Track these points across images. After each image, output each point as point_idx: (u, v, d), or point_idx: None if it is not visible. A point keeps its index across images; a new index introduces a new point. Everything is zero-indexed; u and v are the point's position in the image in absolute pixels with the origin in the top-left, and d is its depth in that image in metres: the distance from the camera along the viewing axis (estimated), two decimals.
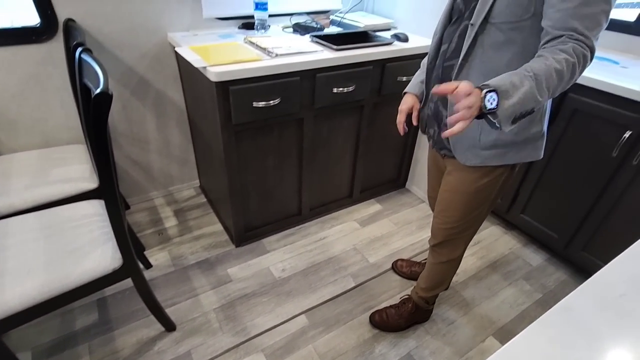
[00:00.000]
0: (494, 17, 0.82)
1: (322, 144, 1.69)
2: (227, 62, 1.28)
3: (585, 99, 1.38)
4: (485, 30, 0.84)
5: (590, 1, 0.71)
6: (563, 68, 0.71)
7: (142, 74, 1.65)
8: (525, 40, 0.82)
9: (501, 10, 0.80)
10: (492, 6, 0.81)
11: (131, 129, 1.76)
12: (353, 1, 2.01)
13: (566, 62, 0.71)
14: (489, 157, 0.97)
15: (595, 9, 0.72)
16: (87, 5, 1.41)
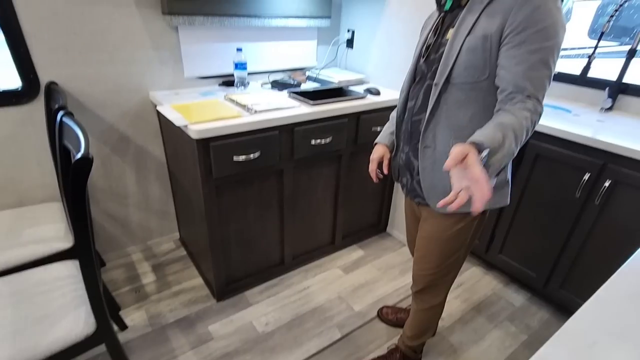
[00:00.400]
0: (455, 79, 0.91)
1: (302, 194, 1.73)
2: (208, 119, 1.32)
3: (546, 145, 1.49)
4: (448, 90, 0.93)
5: (536, 67, 0.81)
6: (528, 124, 0.79)
7: (123, 131, 1.68)
8: (485, 98, 0.90)
9: (460, 72, 0.89)
10: (452, 69, 0.90)
11: (110, 184, 1.75)
12: (327, 58, 2.15)
13: (529, 119, 0.80)
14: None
15: (540, 74, 0.82)
16: (70, 68, 1.45)
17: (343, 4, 2.06)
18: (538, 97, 0.82)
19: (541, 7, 0.78)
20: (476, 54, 0.87)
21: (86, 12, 1.41)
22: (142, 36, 1.55)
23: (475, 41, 0.86)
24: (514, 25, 0.81)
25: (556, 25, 0.80)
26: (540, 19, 0.78)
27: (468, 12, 0.89)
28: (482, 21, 0.86)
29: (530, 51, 0.80)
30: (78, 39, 1.43)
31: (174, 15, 1.53)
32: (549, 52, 0.80)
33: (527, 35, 0.79)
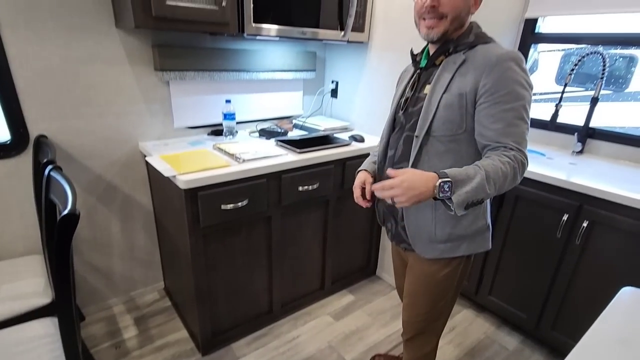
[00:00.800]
0: (434, 132, 0.97)
1: (290, 240, 1.72)
2: (196, 169, 1.35)
3: (524, 188, 1.55)
4: (429, 142, 0.98)
5: (513, 123, 0.89)
6: (507, 169, 0.85)
7: (110, 180, 1.68)
8: (463, 149, 0.96)
9: (439, 126, 0.96)
10: (432, 123, 0.97)
11: (95, 234, 1.72)
12: (313, 107, 2.24)
13: (509, 164, 0.86)
14: (445, 250, 1.05)
15: (518, 129, 0.89)
16: (60, 122, 1.48)
17: (327, 58, 2.20)
18: (522, 149, 0.89)
19: (508, 70, 0.87)
20: (453, 110, 0.93)
21: (81, 70, 1.47)
22: (133, 91, 1.61)
23: (452, 98, 0.93)
24: (487, 87, 0.89)
25: (524, 86, 0.89)
26: (509, 81, 0.87)
27: (443, 70, 0.97)
28: (457, 80, 0.94)
29: (505, 110, 0.88)
30: (70, 94, 1.47)
31: (165, 71, 1.61)
32: (521, 109, 0.89)
33: (500, 95, 0.88)
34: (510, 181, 0.88)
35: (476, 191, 0.83)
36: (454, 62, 0.95)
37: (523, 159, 0.89)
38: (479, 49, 0.93)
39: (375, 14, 1.83)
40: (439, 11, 0.92)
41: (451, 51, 0.97)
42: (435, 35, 0.95)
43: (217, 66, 1.74)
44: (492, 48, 0.92)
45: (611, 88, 1.86)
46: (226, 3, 1.38)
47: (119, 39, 1.51)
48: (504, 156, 0.87)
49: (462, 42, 0.96)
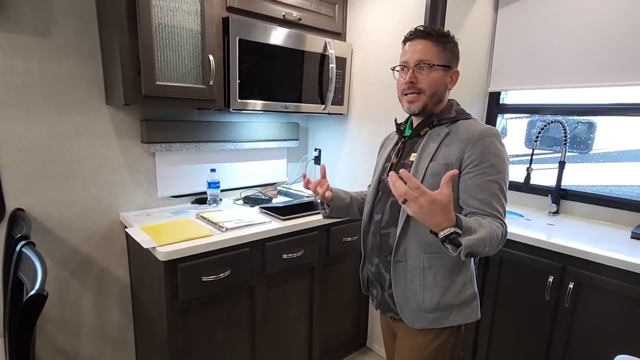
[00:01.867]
0: None
1: (275, 311, 1.64)
2: (177, 240, 1.32)
3: (508, 250, 1.56)
4: None
5: (495, 194, 0.95)
6: (499, 233, 0.90)
7: (87, 253, 1.62)
8: None
9: None
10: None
11: (63, 312, 1.60)
12: (297, 174, 2.30)
13: (500, 230, 0.91)
14: (434, 320, 1.02)
15: (500, 201, 0.95)
16: (40, 195, 1.47)
17: (309, 128, 2.31)
18: (501, 219, 0.94)
19: (490, 145, 0.96)
20: (439, 179, 0.94)
21: (66, 144, 1.50)
22: (118, 162, 1.63)
23: (439, 167, 0.98)
24: (472, 158, 0.96)
25: (504, 160, 0.97)
26: (491, 155, 0.95)
27: (429, 141, 1.04)
28: (442, 150, 1.00)
29: (489, 181, 0.94)
30: (54, 167, 1.48)
31: (152, 143, 1.65)
32: (502, 182, 0.96)
33: (484, 167, 0.95)
34: (496, 245, 0.91)
35: (480, 242, 0.83)
36: (438, 134, 1.02)
37: (504, 230, 0.94)
38: (461, 123, 1.02)
39: (353, 89, 1.98)
40: (417, 87, 1.01)
41: (435, 124, 1.05)
42: (416, 108, 1.04)
43: (203, 137, 1.80)
44: (474, 123, 1.00)
45: (576, 151, 1.99)
46: (213, 82, 1.48)
47: (108, 114, 1.57)
48: (495, 221, 0.92)
49: (445, 116, 1.04)
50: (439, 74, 1.01)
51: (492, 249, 0.90)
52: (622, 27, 1.62)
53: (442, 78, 1.02)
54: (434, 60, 0.99)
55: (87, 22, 1.47)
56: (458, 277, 1.02)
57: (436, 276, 1.01)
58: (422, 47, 1.00)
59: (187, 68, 1.42)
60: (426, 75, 1.00)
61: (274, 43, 1.62)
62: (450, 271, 1.01)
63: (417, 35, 1.02)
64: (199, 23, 1.42)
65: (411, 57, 1.01)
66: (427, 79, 1.00)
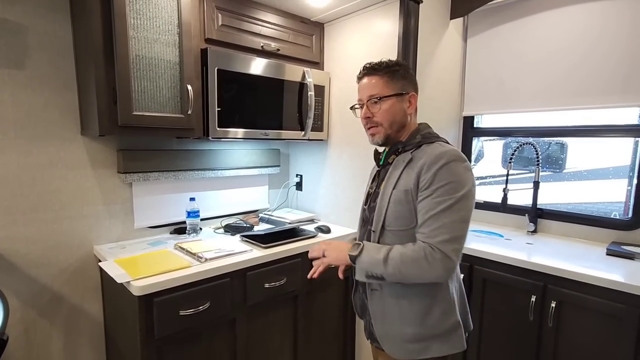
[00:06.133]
0: (388, 226, 1.02)
1: (257, 344, 1.58)
2: (154, 273, 1.27)
3: (489, 270, 1.57)
4: (385, 235, 1.03)
5: (439, 216, 0.93)
6: (410, 256, 0.93)
7: (57, 290, 1.53)
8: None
9: (391, 221, 1.02)
10: (385, 218, 1.02)
11: (30, 355, 1.49)
12: (279, 200, 2.28)
13: (414, 252, 0.93)
14: (415, 351, 1.01)
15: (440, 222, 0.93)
16: (7, 230, 1.40)
17: (290, 154, 2.32)
18: (434, 243, 0.92)
19: (444, 167, 0.95)
20: (401, 205, 1.00)
21: (38, 175, 1.45)
22: (93, 193, 1.58)
23: (399, 195, 1.00)
24: (423, 182, 0.97)
25: (459, 182, 0.94)
26: (443, 177, 0.94)
27: (394, 169, 1.06)
28: (403, 178, 1.02)
29: (436, 202, 0.94)
30: (23, 200, 1.42)
31: (129, 173, 1.62)
32: (453, 203, 0.92)
33: (433, 190, 0.95)
34: (416, 270, 0.92)
35: (373, 265, 0.96)
36: (403, 160, 1.05)
37: (434, 252, 0.91)
38: (424, 148, 1.03)
39: (332, 115, 2.02)
40: (374, 120, 1.06)
41: (400, 151, 1.07)
42: (378, 139, 1.08)
43: (182, 166, 1.78)
44: (435, 147, 1.01)
45: (550, 170, 2.06)
46: (192, 111, 1.48)
47: (83, 144, 1.54)
48: (415, 245, 0.94)
49: (410, 142, 1.06)
50: (391, 104, 1.04)
51: (411, 273, 0.93)
52: (578, 54, 1.73)
53: (396, 106, 1.05)
54: (383, 92, 1.04)
55: (62, 54, 1.46)
56: (435, 305, 1.00)
57: (412, 305, 1.00)
58: (371, 83, 1.06)
59: (165, 98, 1.42)
60: (378, 108, 1.05)
61: (253, 73, 1.65)
62: (426, 301, 1.00)
63: (364, 74, 1.09)
64: (177, 54, 1.44)
65: (363, 94, 1.08)
66: (380, 111, 1.05)
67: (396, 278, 0.95)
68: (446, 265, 0.91)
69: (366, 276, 0.97)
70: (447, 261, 0.91)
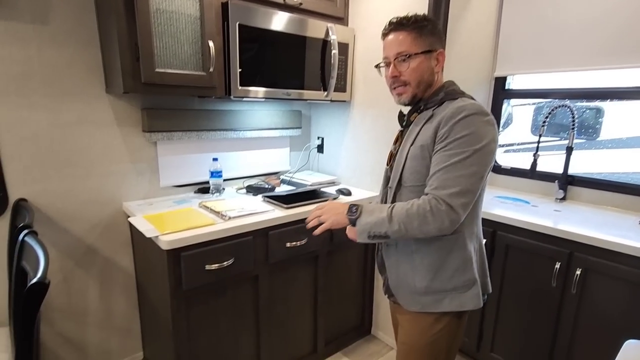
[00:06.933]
0: (405, 182, 1.03)
1: (279, 299, 1.64)
2: (180, 229, 1.32)
3: (513, 236, 1.54)
4: (401, 192, 1.04)
5: (450, 169, 0.90)
6: (414, 212, 0.91)
7: (91, 243, 1.62)
8: None
9: (408, 177, 1.02)
10: (402, 174, 1.03)
11: (69, 302, 1.61)
12: (300, 162, 2.28)
13: (419, 207, 0.91)
14: (428, 304, 1.03)
15: (451, 175, 0.90)
16: (43, 185, 1.46)
17: (312, 116, 2.28)
18: (441, 196, 0.90)
19: (462, 120, 0.91)
20: (417, 161, 0.99)
21: (68, 133, 1.49)
22: (120, 151, 1.62)
23: (415, 150, 1.00)
24: (440, 136, 0.94)
25: (476, 135, 0.90)
26: (460, 129, 0.91)
27: (414, 126, 1.05)
28: (422, 134, 1.01)
29: (449, 155, 0.91)
30: (56, 157, 1.47)
31: (153, 132, 1.64)
32: (467, 157, 0.89)
33: (448, 142, 0.92)
34: (420, 223, 0.90)
35: (377, 225, 0.94)
36: (424, 118, 1.03)
37: (438, 204, 0.89)
38: (446, 104, 0.99)
39: (355, 75, 1.94)
40: (401, 79, 1.02)
41: (422, 108, 1.05)
42: (405, 99, 1.05)
43: (204, 126, 1.78)
44: (456, 102, 0.97)
45: (583, 137, 1.95)
46: (213, 69, 1.45)
47: (108, 102, 1.56)
48: (420, 202, 0.92)
49: (432, 100, 1.03)
50: (420, 62, 1.00)
51: (416, 229, 0.91)
52: (633, 7, 1.56)
53: (424, 64, 1.00)
54: (412, 49, 0.98)
55: (85, 9, 1.44)
56: (449, 262, 1.00)
57: (424, 260, 1.02)
58: (398, 39, 1.00)
59: (186, 55, 1.40)
60: (406, 67, 1.00)
61: (274, 29, 1.59)
62: (439, 256, 1.00)
63: (391, 29, 1.02)
64: (198, 8, 1.39)
65: (389, 51, 1.02)
66: (408, 70, 1.00)
67: (401, 235, 0.94)
68: (451, 217, 0.90)
69: (368, 237, 0.96)
70: (452, 214, 0.89)
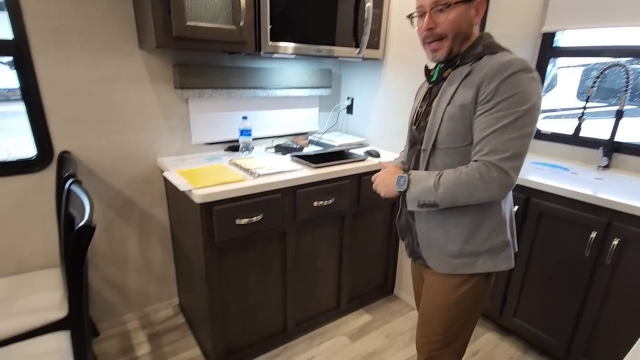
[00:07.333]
0: (440, 144, 0.97)
1: (305, 256, 1.70)
2: (212, 184, 1.36)
3: (548, 203, 1.49)
4: (436, 155, 0.99)
5: (500, 132, 0.85)
6: (464, 180, 0.89)
7: (129, 196, 1.71)
8: (467, 161, 0.93)
9: (444, 138, 0.96)
10: (437, 136, 0.97)
11: (112, 249, 1.74)
12: (329, 123, 2.25)
13: (468, 175, 0.88)
14: (459, 266, 1.02)
15: (502, 139, 0.85)
16: (83, 138, 1.53)
17: (342, 75, 2.22)
18: (492, 161, 0.86)
19: (509, 78, 0.84)
20: (456, 121, 0.93)
21: (104, 88, 1.52)
22: (154, 108, 1.65)
23: (454, 110, 0.93)
24: (484, 95, 0.88)
25: (525, 94, 0.84)
26: (507, 89, 0.84)
27: (448, 84, 0.97)
28: (460, 92, 0.93)
29: (497, 117, 0.85)
30: (94, 111, 1.53)
31: (185, 89, 1.65)
32: (517, 118, 0.84)
33: (495, 103, 0.86)
34: (470, 191, 0.88)
35: (424, 193, 0.93)
36: (460, 74, 0.95)
37: (489, 170, 0.86)
38: (485, 59, 0.92)
39: (390, 31, 1.85)
40: (437, 32, 0.93)
41: (458, 64, 0.97)
42: (441, 56, 0.97)
43: (234, 84, 1.78)
44: (498, 57, 0.89)
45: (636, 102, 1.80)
46: (244, 22, 1.42)
47: (141, 58, 1.57)
48: (469, 166, 0.89)
49: (469, 54, 0.95)
50: (459, 12, 0.90)
51: (466, 196, 0.89)
52: None
53: (464, 15, 0.91)
54: None
55: None
56: (484, 224, 0.98)
57: (459, 223, 0.99)
58: None
59: (216, 7, 1.37)
60: (444, 17, 0.91)
61: None
62: (475, 219, 0.98)
63: None
64: None
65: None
66: (446, 21, 0.91)
67: (449, 202, 0.92)
68: (503, 182, 0.86)
69: (418, 205, 0.95)
70: (505, 179, 0.86)
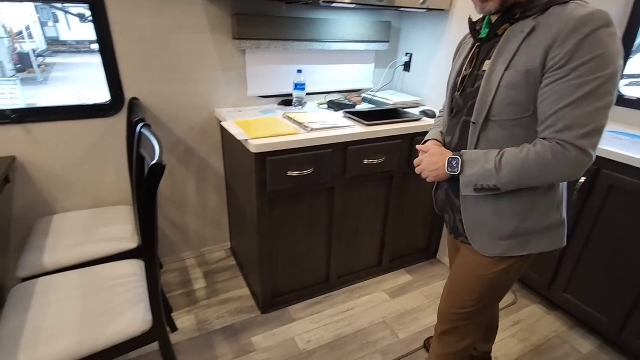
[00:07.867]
0: (495, 116, 0.84)
1: (351, 213, 1.73)
2: (267, 135, 1.39)
3: (620, 176, 1.36)
4: (489, 128, 0.86)
5: (579, 103, 0.73)
6: (532, 161, 0.78)
7: (189, 144, 1.82)
8: (528, 134, 0.83)
9: (501, 109, 0.83)
10: (491, 106, 0.84)
11: (173, 192, 1.89)
12: (384, 81, 2.18)
13: (538, 156, 0.78)
14: (511, 247, 0.92)
15: (581, 111, 0.73)
16: (150, 86, 1.62)
17: (402, 28, 2.10)
18: (569, 140, 0.75)
19: (590, 36, 0.71)
20: (518, 90, 0.79)
21: (169, 37, 1.58)
22: (213, 58, 1.69)
23: (517, 77, 0.79)
24: (558, 58, 0.73)
25: (609, 55, 0.71)
26: (587, 50, 0.71)
27: (507, 42, 0.82)
28: (523, 53, 0.78)
29: (575, 86, 0.73)
30: (159, 60, 1.60)
31: (242, 40, 1.66)
32: (599, 86, 0.71)
33: (572, 68, 0.72)
34: (542, 174, 0.78)
35: (484, 177, 0.83)
36: (522, 31, 0.79)
37: (565, 151, 0.74)
38: (555, 11, 0.76)
39: None
40: None
41: (518, 17, 0.81)
42: (493, 7, 0.81)
43: (290, 36, 1.75)
44: (572, 9, 0.74)
45: None
46: None
47: (202, 7, 1.59)
48: (539, 146, 0.78)
49: (533, 5, 0.79)
50: None
51: (535, 179, 0.80)
52: None
53: None
54: None
55: None
56: (542, 202, 0.88)
57: (514, 202, 0.88)
58: None
59: None
60: None
61: None
62: (532, 199, 0.87)
63: None
64: None
65: None
66: None
67: (514, 186, 0.82)
68: (582, 163, 0.75)
69: (475, 189, 0.84)
70: (584, 158, 0.75)
